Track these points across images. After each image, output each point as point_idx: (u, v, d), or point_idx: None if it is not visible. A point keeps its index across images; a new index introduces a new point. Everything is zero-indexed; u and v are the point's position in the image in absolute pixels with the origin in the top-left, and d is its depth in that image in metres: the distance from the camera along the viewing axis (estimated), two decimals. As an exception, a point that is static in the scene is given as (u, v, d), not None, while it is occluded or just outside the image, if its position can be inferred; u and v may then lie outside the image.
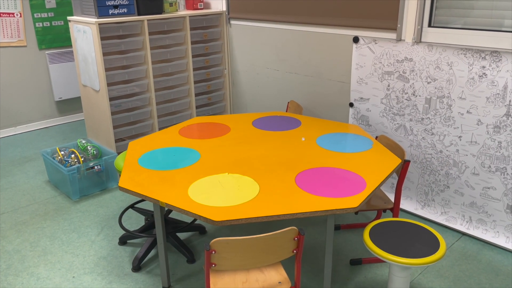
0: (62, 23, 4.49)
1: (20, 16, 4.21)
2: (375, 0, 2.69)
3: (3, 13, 4.10)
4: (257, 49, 3.61)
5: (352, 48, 2.91)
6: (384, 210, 2.36)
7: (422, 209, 2.80)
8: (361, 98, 2.95)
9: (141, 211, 2.74)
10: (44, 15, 4.35)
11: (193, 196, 1.82)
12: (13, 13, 4.16)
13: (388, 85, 2.76)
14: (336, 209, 1.70)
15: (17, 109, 4.40)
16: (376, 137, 2.48)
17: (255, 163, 2.12)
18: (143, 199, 1.95)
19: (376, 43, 2.76)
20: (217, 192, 1.85)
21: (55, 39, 4.47)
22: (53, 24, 4.43)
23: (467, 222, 2.61)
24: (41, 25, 4.35)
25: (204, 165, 2.11)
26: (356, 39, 2.86)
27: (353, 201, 1.75)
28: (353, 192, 1.82)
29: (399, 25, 2.60)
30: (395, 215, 2.25)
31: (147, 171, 2.06)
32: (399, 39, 2.63)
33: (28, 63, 4.36)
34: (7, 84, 4.28)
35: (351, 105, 3.03)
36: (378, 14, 2.70)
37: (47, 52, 4.43)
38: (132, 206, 2.76)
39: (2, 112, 4.32)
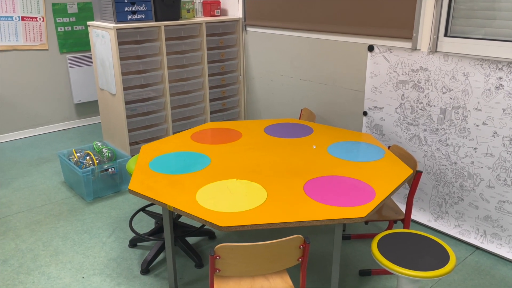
0: (83, 27, 4.59)
1: (43, 21, 4.32)
2: (391, 9, 2.67)
3: (27, 17, 4.22)
4: (272, 56, 3.62)
5: (367, 57, 2.89)
6: (395, 221, 2.32)
7: (435, 221, 2.75)
8: (375, 107, 2.92)
9: (152, 214, 2.77)
10: (66, 19, 4.46)
11: (201, 201, 1.83)
12: (36, 17, 4.28)
13: (403, 95, 2.73)
14: (343, 219, 1.68)
15: (37, 111, 4.51)
16: (389, 147, 2.45)
17: (264, 170, 2.12)
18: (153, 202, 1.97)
19: (391, 52, 2.74)
20: (224, 197, 1.85)
21: (76, 43, 4.58)
22: (74, 28, 4.54)
23: (481, 236, 2.55)
24: (62, 29, 4.46)
25: (214, 171, 2.12)
26: (371, 48, 2.85)
27: (361, 210, 1.73)
28: (361, 201, 1.80)
29: (414, 34, 2.58)
30: (406, 227, 2.22)
31: (157, 174, 2.08)
32: (414, 48, 2.61)
33: (49, 66, 4.47)
34: (28, 87, 4.39)
35: (364, 113, 3.00)
36: (394, 23, 2.68)
37: (67, 56, 4.54)
38: (143, 209, 2.79)
39: (23, 114, 4.43)
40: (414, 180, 2.14)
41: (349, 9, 2.91)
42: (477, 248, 2.56)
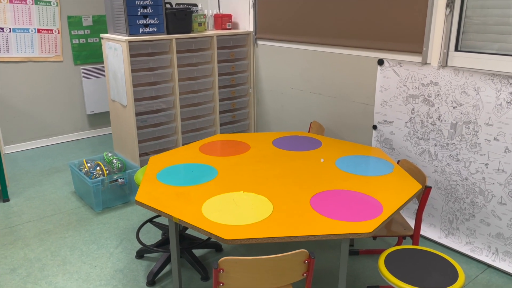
0: (97, 40, 4.68)
1: (58, 33, 4.42)
2: (401, 23, 2.67)
3: (42, 29, 4.32)
4: (282, 69, 3.63)
5: (377, 71, 2.88)
6: (404, 237, 2.28)
7: (446, 237, 2.70)
8: (385, 121, 2.90)
9: (159, 225, 2.77)
10: (81, 32, 4.55)
11: (206, 213, 1.82)
12: (51, 30, 4.37)
13: (413, 109, 2.71)
14: (349, 234, 1.66)
15: (50, 121, 4.58)
16: (398, 161, 2.43)
17: (271, 183, 2.11)
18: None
19: (401, 66, 2.72)
20: (230, 210, 1.85)
21: (90, 55, 4.66)
22: (88, 41, 4.62)
23: (493, 253, 2.50)
24: (77, 41, 4.55)
25: (221, 183, 2.12)
26: (381, 62, 2.84)
27: (368, 226, 1.71)
28: (368, 216, 1.78)
29: (424, 49, 2.57)
30: (414, 243, 2.18)
31: (164, 186, 2.09)
32: (424, 63, 2.59)
33: (63, 77, 4.56)
34: (42, 97, 4.47)
35: (374, 127, 2.98)
36: (404, 37, 2.67)
37: (81, 67, 4.62)
38: (150, 220, 2.79)
39: (37, 124, 4.50)
40: (423, 196, 2.11)
41: (359, 23, 2.92)
42: (489, 266, 2.51)
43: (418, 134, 2.72)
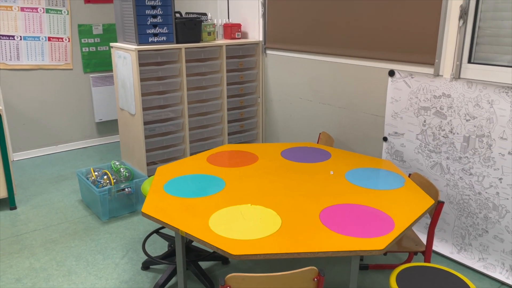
0: (107, 48, 4.70)
1: (69, 41, 4.44)
2: (413, 34, 2.64)
3: (53, 38, 4.35)
4: (291, 79, 3.61)
5: (388, 82, 2.85)
6: (416, 253, 2.23)
7: (458, 253, 2.64)
8: (396, 132, 2.85)
9: (165, 236, 2.74)
10: (91, 40, 4.58)
11: (213, 226, 1.79)
12: (62, 38, 4.40)
13: (424, 121, 2.67)
14: (360, 251, 1.61)
15: (59, 128, 4.59)
16: (409, 175, 2.38)
17: (280, 195, 2.07)
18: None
19: (412, 78, 2.68)
20: (238, 223, 1.81)
21: (99, 63, 4.68)
22: (98, 49, 4.64)
23: (507, 271, 2.42)
24: (87, 49, 4.57)
25: (228, 195, 2.08)
26: (391, 73, 2.80)
27: (379, 242, 1.66)
28: (380, 232, 1.73)
29: (437, 60, 2.53)
30: (426, 260, 2.12)
31: (171, 197, 2.06)
32: (436, 75, 2.55)
33: (73, 85, 4.57)
34: (52, 105, 4.49)
35: (385, 139, 2.94)
36: (415, 49, 2.64)
37: (91, 75, 4.63)
38: (156, 231, 2.76)
39: (45, 131, 4.52)
40: (435, 211, 2.06)
41: (370, 34, 2.88)
42: (503, 283, 2.43)
43: (430, 146, 2.67)
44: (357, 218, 1.85)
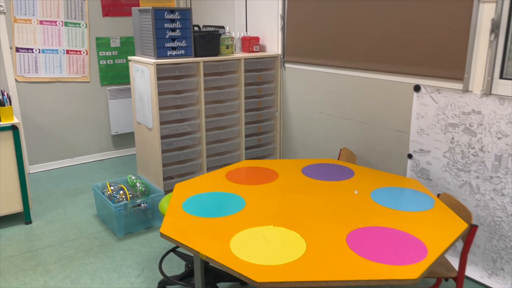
0: (124, 61, 4.69)
1: (87, 54, 4.45)
2: (440, 47, 2.54)
3: (71, 51, 4.35)
4: (310, 93, 3.53)
5: (413, 97, 2.75)
6: (446, 279, 2.11)
7: (489, 278, 2.50)
8: (421, 149, 2.75)
9: (182, 256, 2.66)
10: (108, 53, 4.58)
11: (235, 250, 1.70)
12: (80, 51, 4.40)
13: (452, 138, 2.56)
14: (393, 279, 1.51)
15: (75, 141, 4.58)
16: (438, 195, 2.26)
17: (303, 216, 1.98)
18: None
19: (439, 93, 2.58)
20: (260, 247, 1.72)
21: (116, 76, 4.67)
22: (116, 62, 4.64)
23: (544, 299, 2.28)
24: (104, 62, 4.57)
25: (249, 214, 2.00)
26: (417, 88, 2.71)
27: (413, 271, 1.56)
28: (412, 259, 1.62)
29: (466, 76, 2.43)
30: (459, 287, 2.00)
31: (190, 217, 1.98)
32: (465, 90, 2.45)
33: (90, 98, 4.56)
34: (69, 117, 4.48)
35: (409, 156, 2.83)
36: (443, 63, 2.54)
37: (108, 88, 4.62)
38: (173, 250, 2.68)
39: (62, 144, 4.50)
40: (468, 235, 1.94)
41: (394, 47, 2.80)
42: (539, 312, 2.29)
43: (458, 165, 2.56)
44: (387, 242, 1.75)
